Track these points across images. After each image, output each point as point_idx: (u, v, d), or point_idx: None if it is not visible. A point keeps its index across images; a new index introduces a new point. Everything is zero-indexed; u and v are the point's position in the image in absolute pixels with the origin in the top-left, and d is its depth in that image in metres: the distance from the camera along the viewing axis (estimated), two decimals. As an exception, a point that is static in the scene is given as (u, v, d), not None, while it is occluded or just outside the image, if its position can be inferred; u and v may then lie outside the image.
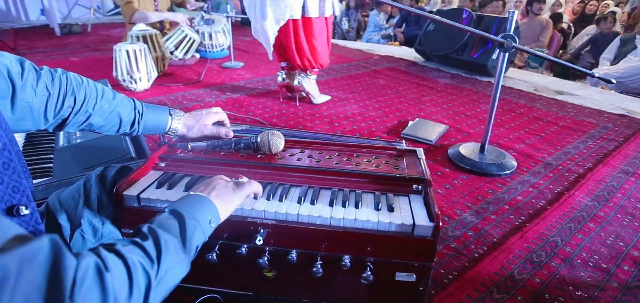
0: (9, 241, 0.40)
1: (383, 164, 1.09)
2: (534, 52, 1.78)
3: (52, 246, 0.43)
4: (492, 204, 1.58)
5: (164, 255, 0.58)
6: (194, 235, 0.67)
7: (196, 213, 0.70)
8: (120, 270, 0.51)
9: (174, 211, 0.69)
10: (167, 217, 0.67)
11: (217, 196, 0.77)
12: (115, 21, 6.09)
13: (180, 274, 0.62)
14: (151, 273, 0.55)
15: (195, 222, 0.69)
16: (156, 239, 0.59)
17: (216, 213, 0.75)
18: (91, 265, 0.47)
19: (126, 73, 2.65)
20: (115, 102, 0.98)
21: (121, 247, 0.54)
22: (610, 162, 1.97)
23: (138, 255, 0.55)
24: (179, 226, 0.66)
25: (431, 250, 0.88)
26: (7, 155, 0.61)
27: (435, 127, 2.30)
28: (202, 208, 0.72)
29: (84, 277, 0.45)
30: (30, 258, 0.40)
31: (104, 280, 0.47)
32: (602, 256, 1.30)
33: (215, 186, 0.80)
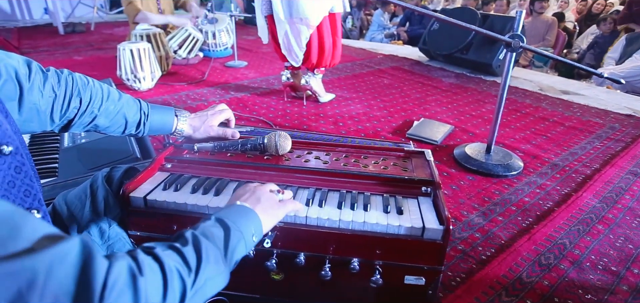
0: (39, 241, 0.39)
1: (391, 166, 1.08)
2: (542, 53, 1.76)
3: (83, 248, 0.42)
4: (498, 205, 1.57)
5: (203, 264, 0.56)
6: (237, 248, 0.66)
7: (242, 225, 0.68)
8: (156, 275, 0.49)
9: (220, 220, 0.67)
10: (213, 225, 0.65)
11: (263, 211, 0.75)
12: (118, 20, 6.09)
13: (219, 286, 0.60)
14: (187, 282, 0.53)
15: (240, 234, 0.67)
16: (197, 247, 0.58)
17: (260, 227, 0.73)
18: (124, 268, 0.46)
19: (130, 72, 2.65)
20: (121, 103, 0.97)
21: (160, 251, 0.52)
22: (618, 163, 1.95)
23: (176, 261, 0.53)
24: (224, 237, 0.64)
25: (441, 253, 0.87)
26: (19, 159, 0.60)
27: (440, 127, 2.28)
28: (248, 221, 0.71)
29: (115, 280, 0.43)
30: (60, 259, 0.40)
31: (137, 284, 0.46)
32: (612, 259, 1.29)
33: (260, 197, 0.77)
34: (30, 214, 0.44)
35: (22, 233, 0.39)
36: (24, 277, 0.37)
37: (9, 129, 0.61)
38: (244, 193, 0.79)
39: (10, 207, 0.41)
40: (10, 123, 0.62)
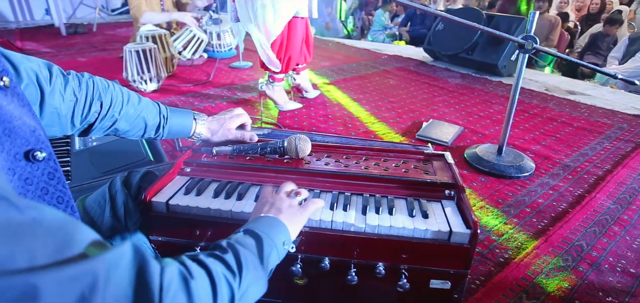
0: (89, 247, 0.39)
1: (412, 169, 1.07)
2: (555, 54, 1.76)
3: (135, 253, 0.42)
4: (513, 207, 1.56)
5: (244, 270, 0.57)
6: (270, 256, 0.66)
7: (272, 234, 0.68)
8: (204, 279, 0.50)
9: (250, 231, 0.67)
10: (244, 236, 0.65)
11: (288, 219, 0.75)
12: (120, 21, 6.07)
13: (260, 292, 0.60)
14: (234, 287, 0.54)
15: (272, 242, 0.67)
16: (237, 254, 0.58)
17: (288, 235, 0.73)
18: (176, 272, 0.46)
19: (136, 74, 2.64)
20: (141, 107, 0.97)
21: (204, 258, 0.53)
22: (629, 163, 1.95)
23: (221, 268, 0.53)
24: (257, 246, 0.64)
25: (468, 257, 0.87)
26: (51, 165, 0.60)
27: (449, 128, 2.28)
28: (276, 230, 0.71)
29: (170, 283, 0.44)
30: (116, 263, 0.40)
31: (189, 287, 0.46)
32: (630, 260, 1.28)
33: (280, 207, 0.77)
34: (78, 221, 0.44)
35: (75, 240, 0.39)
36: (86, 280, 0.37)
37: (42, 135, 0.60)
38: (263, 205, 0.79)
39: (62, 215, 0.41)
40: (41, 128, 0.61)
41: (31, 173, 0.58)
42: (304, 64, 2.63)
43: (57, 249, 0.37)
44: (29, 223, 0.36)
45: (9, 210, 0.36)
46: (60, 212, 0.42)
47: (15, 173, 0.56)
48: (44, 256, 0.35)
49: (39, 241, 0.36)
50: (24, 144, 0.56)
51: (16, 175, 0.56)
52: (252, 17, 2.20)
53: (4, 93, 0.55)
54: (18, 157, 0.56)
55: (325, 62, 3.91)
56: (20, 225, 0.36)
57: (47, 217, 0.38)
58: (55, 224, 0.39)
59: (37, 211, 0.38)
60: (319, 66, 3.72)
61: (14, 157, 0.55)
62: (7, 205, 0.36)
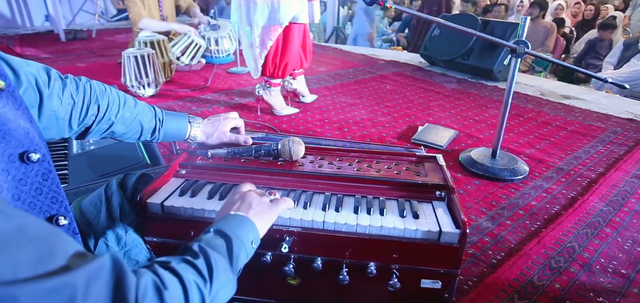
0: (71, 258, 0.40)
1: (404, 171, 1.09)
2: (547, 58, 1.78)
3: (114, 264, 0.43)
4: (506, 209, 1.58)
5: (215, 274, 0.58)
6: (239, 256, 0.67)
7: (240, 234, 0.69)
8: (177, 288, 0.51)
9: (220, 232, 0.67)
10: (214, 237, 0.66)
11: (256, 215, 0.76)
12: (119, 27, 6.10)
13: (229, 294, 0.61)
14: (205, 292, 0.55)
15: (240, 243, 0.68)
16: (207, 258, 0.59)
17: (257, 234, 0.74)
18: (150, 283, 0.47)
19: (135, 79, 2.66)
20: (137, 110, 0.98)
21: (175, 265, 0.54)
22: (622, 167, 1.97)
23: (192, 274, 0.55)
24: (226, 247, 0.65)
25: (458, 257, 0.88)
26: (46, 166, 0.61)
27: (444, 132, 2.30)
28: (245, 229, 0.71)
29: (144, 294, 0.45)
30: (95, 275, 0.41)
31: (163, 298, 0.48)
32: (621, 262, 1.30)
33: (251, 203, 0.78)
34: (61, 231, 0.45)
35: (57, 251, 0.40)
36: (65, 293, 0.38)
37: (36, 137, 0.61)
38: (234, 202, 0.79)
39: (44, 225, 0.42)
40: (36, 130, 0.63)
41: (25, 174, 0.59)
42: (301, 70, 2.65)
43: (39, 260, 0.38)
44: (14, 232, 0.37)
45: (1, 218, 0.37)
46: (45, 223, 0.43)
47: (10, 174, 0.57)
48: (26, 267, 0.36)
49: (22, 251, 0.37)
50: (18, 146, 0.58)
51: (10, 176, 0.57)
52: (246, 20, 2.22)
53: None
54: (12, 158, 0.57)
55: (322, 67, 3.93)
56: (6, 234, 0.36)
57: (31, 226, 0.39)
58: (38, 234, 0.40)
59: (22, 220, 0.39)
60: (316, 71, 3.74)
61: (8, 158, 0.57)
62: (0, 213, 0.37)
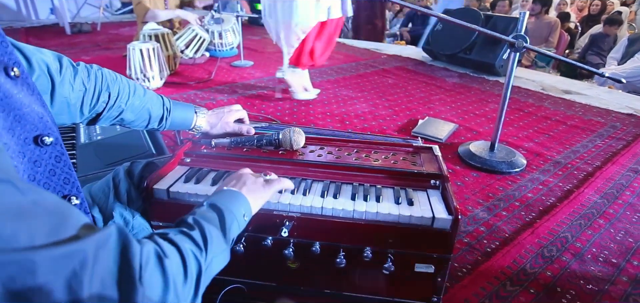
0: (81, 229, 0.44)
1: (400, 161, 1.13)
2: (545, 53, 1.81)
3: (119, 234, 0.47)
4: (502, 201, 1.61)
5: (209, 244, 0.62)
6: (231, 228, 0.71)
7: (232, 207, 0.73)
8: (176, 257, 0.55)
9: (213, 205, 0.72)
10: (207, 210, 0.70)
11: (249, 192, 0.80)
12: (123, 20, 6.15)
13: (223, 263, 0.66)
14: (201, 260, 0.59)
15: (232, 215, 0.72)
16: (202, 229, 0.63)
17: (249, 207, 0.78)
18: (152, 251, 0.51)
19: (139, 71, 2.70)
20: (146, 99, 1.02)
21: (173, 236, 0.58)
22: (619, 161, 2.00)
23: (189, 244, 0.59)
24: (219, 219, 0.70)
25: (450, 242, 0.92)
26: (58, 149, 0.65)
27: (445, 125, 2.33)
28: (237, 203, 0.76)
29: (147, 261, 0.49)
30: (103, 243, 0.44)
31: (164, 265, 0.51)
32: (612, 251, 1.33)
33: (245, 181, 0.83)
34: (72, 206, 0.49)
35: (69, 222, 0.44)
36: (77, 258, 0.42)
37: (49, 121, 0.65)
38: (230, 180, 0.85)
39: (57, 199, 0.46)
40: (49, 114, 0.67)
41: (40, 156, 0.63)
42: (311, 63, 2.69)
43: (53, 229, 0.41)
44: (30, 205, 0.41)
45: (14, 193, 0.40)
46: (57, 197, 0.47)
47: (25, 156, 0.61)
48: (41, 236, 0.40)
49: (38, 222, 0.41)
50: (33, 130, 0.61)
51: (26, 158, 0.61)
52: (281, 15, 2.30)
53: (14, 83, 0.60)
54: (28, 141, 0.62)
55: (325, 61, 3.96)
56: (23, 207, 0.40)
57: (45, 200, 0.43)
58: (51, 207, 0.44)
59: (37, 194, 0.43)
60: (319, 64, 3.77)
61: (23, 141, 0.61)
62: (12, 188, 0.41)
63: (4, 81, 0.57)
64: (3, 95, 0.56)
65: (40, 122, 0.62)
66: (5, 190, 0.39)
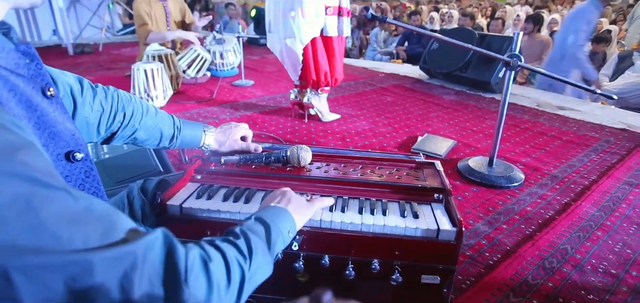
0: (129, 232, 0.47)
1: (404, 176, 1.17)
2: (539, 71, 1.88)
3: (165, 237, 0.50)
4: (502, 214, 1.65)
5: (254, 255, 0.64)
6: (277, 242, 0.73)
7: (279, 223, 0.75)
8: (220, 262, 0.57)
9: (260, 219, 0.74)
10: (254, 223, 0.73)
11: (294, 209, 0.82)
12: (124, 41, 6.24)
13: (266, 274, 0.68)
14: (245, 268, 0.61)
15: (278, 230, 0.74)
16: (247, 239, 0.66)
17: (294, 224, 0.80)
18: (197, 255, 0.54)
19: (144, 91, 2.75)
20: (158, 118, 1.06)
21: (219, 243, 0.61)
22: (614, 174, 2.05)
23: (234, 252, 0.61)
24: (265, 232, 0.72)
25: (455, 253, 0.96)
26: (88, 164, 0.69)
27: (443, 142, 2.38)
28: (283, 219, 0.78)
29: (193, 264, 0.51)
30: (151, 246, 0.48)
31: (209, 269, 0.54)
32: (611, 262, 1.37)
33: (290, 198, 0.85)
34: (119, 211, 0.52)
35: (118, 227, 0.47)
36: (128, 260, 0.45)
37: (80, 138, 0.69)
38: (275, 197, 0.87)
39: (106, 205, 0.49)
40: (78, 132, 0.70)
41: (71, 171, 0.66)
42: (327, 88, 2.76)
43: (104, 233, 0.45)
44: (83, 211, 0.44)
45: (69, 200, 0.44)
46: (105, 203, 0.50)
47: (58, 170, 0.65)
48: (95, 239, 0.43)
49: (90, 227, 0.44)
50: (65, 146, 0.65)
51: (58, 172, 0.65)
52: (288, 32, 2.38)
53: (50, 102, 0.64)
54: (60, 157, 0.65)
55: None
56: (77, 212, 0.44)
57: (95, 206, 0.46)
58: (102, 213, 0.47)
59: (88, 201, 0.46)
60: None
61: (56, 157, 0.64)
62: (67, 195, 0.44)
63: (41, 101, 0.61)
64: (40, 113, 0.60)
65: (71, 139, 0.65)
66: (62, 197, 0.43)
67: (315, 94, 2.66)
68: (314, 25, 2.36)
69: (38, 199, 0.40)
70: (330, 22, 2.39)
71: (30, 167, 0.42)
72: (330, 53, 2.51)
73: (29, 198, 0.40)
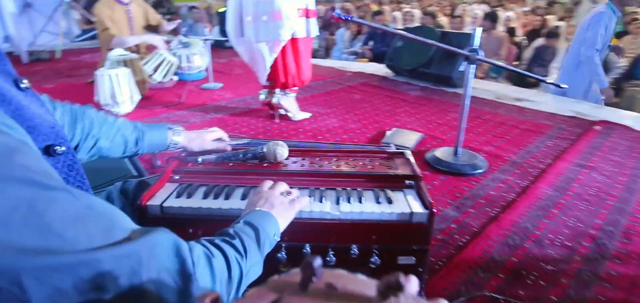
0: (130, 230, 0.49)
1: (377, 166, 1.23)
2: (497, 64, 2.00)
3: (171, 235, 0.52)
4: (469, 199, 1.76)
5: (248, 254, 0.67)
6: (265, 244, 0.76)
7: (266, 227, 0.78)
8: (221, 259, 0.60)
9: (249, 223, 0.76)
10: (244, 226, 0.75)
11: (278, 213, 0.85)
12: (83, 47, 5.99)
13: (257, 273, 0.70)
14: (243, 266, 0.64)
15: (266, 234, 0.77)
16: (242, 240, 0.69)
17: (278, 228, 0.83)
18: (201, 251, 0.57)
19: (110, 98, 2.68)
20: (118, 125, 1.05)
21: (219, 242, 0.63)
22: (566, 157, 2.22)
23: (232, 251, 0.64)
24: (255, 235, 0.74)
25: (427, 233, 1.02)
26: (70, 157, 0.67)
27: (411, 135, 2.48)
28: (269, 223, 0.80)
29: (198, 259, 0.54)
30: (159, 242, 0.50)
31: (212, 264, 0.57)
32: (566, 236, 1.50)
33: (273, 203, 0.86)
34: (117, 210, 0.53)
35: (118, 224, 0.49)
36: (134, 258, 0.46)
37: (61, 131, 0.66)
38: (258, 200, 0.88)
39: (104, 203, 0.50)
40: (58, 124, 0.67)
41: (53, 166, 0.62)
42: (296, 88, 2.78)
43: (107, 231, 0.46)
44: (84, 210, 0.45)
45: (71, 200, 0.44)
46: (104, 202, 0.51)
47: None
48: (98, 237, 0.44)
49: (93, 225, 0.45)
50: (44, 140, 0.61)
51: None
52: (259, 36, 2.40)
53: (25, 94, 0.61)
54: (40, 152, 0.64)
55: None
56: (79, 212, 0.44)
57: (95, 204, 0.47)
58: (102, 210, 0.48)
59: (88, 199, 0.47)
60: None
61: None
62: (69, 195, 0.45)
63: (16, 94, 0.58)
64: (15, 107, 0.56)
65: (51, 132, 0.63)
66: (63, 197, 0.44)
67: (283, 94, 2.69)
68: (285, 28, 2.38)
69: (41, 202, 0.41)
70: (298, 24, 2.43)
71: (28, 169, 0.42)
72: (298, 54, 2.55)
73: (32, 202, 0.40)
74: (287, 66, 2.52)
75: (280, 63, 2.50)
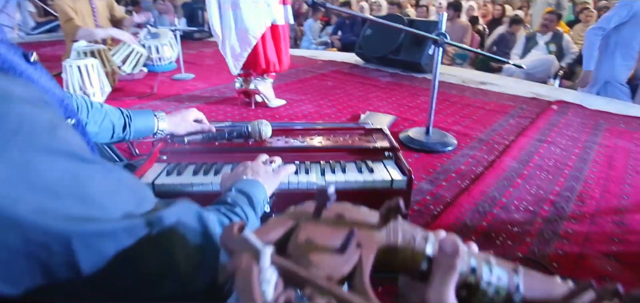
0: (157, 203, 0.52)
1: (357, 141, 1.30)
2: (464, 47, 2.13)
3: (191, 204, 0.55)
4: (441, 174, 1.87)
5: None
6: (257, 210, 0.78)
7: (256, 193, 0.80)
8: None
9: (241, 191, 0.78)
10: (237, 194, 0.77)
11: (264, 181, 0.87)
12: (42, 40, 5.71)
13: None
14: None
15: (257, 200, 0.79)
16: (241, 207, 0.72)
17: (265, 194, 0.85)
18: (215, 217, 0.60)
19: (79, 89, 2.60)
20: (104, 110, 1.05)
21: (224, 210, 0.67)
22: (528, 134, 2.38)
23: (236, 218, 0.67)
24: (248, 202, 0.77)
25: (407, 199, 1.11)
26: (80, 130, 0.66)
27: (384, 118, 2.58)
28: (257, 190, 0.82)
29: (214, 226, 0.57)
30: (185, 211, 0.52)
31: None
32: (529, 202, 1.63)
33: (258, 171, 0.88)
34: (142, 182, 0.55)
35: (146, 198, 0.51)
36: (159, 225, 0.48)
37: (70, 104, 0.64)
38: (244, 170, 0.90)
39: (131, 175, 0.52)
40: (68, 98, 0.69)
41: None
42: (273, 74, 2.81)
43: (138, 203, 0.48)
44: (117, 182, 0.47)
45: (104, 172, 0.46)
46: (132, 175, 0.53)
47: None
48: (131, 208, 0.47)
49: (125, 196, 0.47)
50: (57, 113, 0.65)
51: None
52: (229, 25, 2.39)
53: (35, 68, 0.59)
54: None
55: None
56: (113, 184, 0.47)
57: (123, 176, 0.50)
58: (130, 183, 0.50)
59: (118, 172, 0.49)
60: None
61: None
62: (102, 167, 0.47)
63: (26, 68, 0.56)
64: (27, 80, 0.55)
65: (61, 105, 0.62)
66: (99, 170, 0.46)
67: (261, 79, 2.71)
68: (266, 16, 2.41)
69: (83, 173, 0.43)
70: (277, 11, 2.46)
71: (69, 143, 0.44)
72: (278, 40, 2.59)
73: (75, 174, 0.43)
74: (267, 52, 2.55)
75: (260, 49, 2.52)
